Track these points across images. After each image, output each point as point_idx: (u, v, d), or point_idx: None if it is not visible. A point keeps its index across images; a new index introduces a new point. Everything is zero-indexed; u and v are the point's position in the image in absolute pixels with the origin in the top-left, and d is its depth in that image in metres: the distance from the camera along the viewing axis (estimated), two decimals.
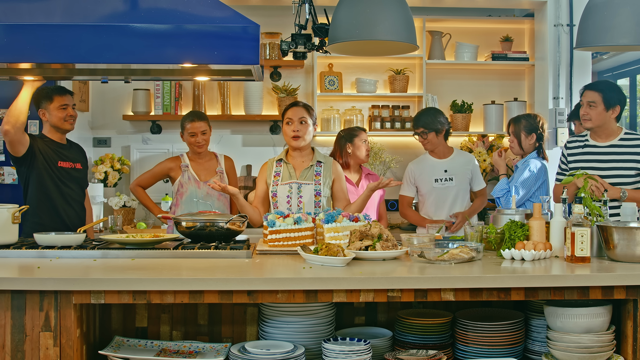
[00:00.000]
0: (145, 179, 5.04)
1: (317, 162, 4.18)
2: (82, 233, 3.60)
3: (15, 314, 2.80)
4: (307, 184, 4.10)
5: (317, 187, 4.10)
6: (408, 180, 5.08)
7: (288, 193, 4.10)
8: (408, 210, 5.12)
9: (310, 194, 4.09)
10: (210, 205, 4.65)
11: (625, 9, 3.72)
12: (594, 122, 4.10)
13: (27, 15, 3.40)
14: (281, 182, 4.12)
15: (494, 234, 3.54)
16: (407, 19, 3.58)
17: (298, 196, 4.09)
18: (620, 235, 3.17)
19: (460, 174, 4.98)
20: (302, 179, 4.12)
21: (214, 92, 6.32)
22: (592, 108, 4.08)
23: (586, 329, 2.98)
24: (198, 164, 4.96)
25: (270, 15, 6.12)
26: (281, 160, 4.20)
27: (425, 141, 4.96)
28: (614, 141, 4.12)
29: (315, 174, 4.14)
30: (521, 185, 4.79)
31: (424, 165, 5.04)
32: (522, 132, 4.93)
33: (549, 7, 6.11)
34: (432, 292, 2.88)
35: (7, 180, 5.38)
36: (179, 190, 4.90)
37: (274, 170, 4.18)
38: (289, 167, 4.17)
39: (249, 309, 3.35)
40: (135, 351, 3.11)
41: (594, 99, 4.07)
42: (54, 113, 4.31)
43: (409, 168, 5.12)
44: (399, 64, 6.37)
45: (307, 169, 4.15)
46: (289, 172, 4.16)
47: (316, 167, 4.16)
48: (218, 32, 3.35)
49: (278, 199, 4.11)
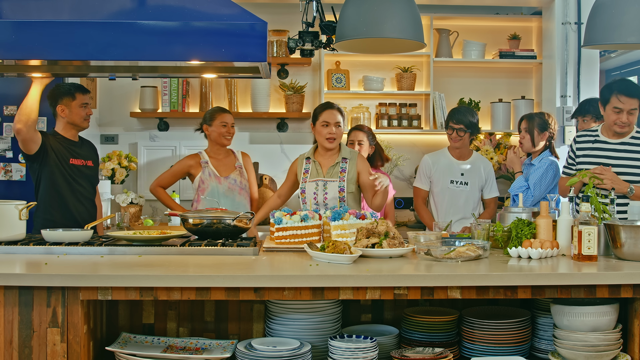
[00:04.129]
0: (165, 178, 5.03)
1: (343, 158, 4.38)
2: (90, 229, 3.61)
3: (22, 310, 2.82)
4: (332, 181, 4.31)
5: (341, 183, 4.30)
6: (424, 172, 4.99)
7: (315, 190, 4.34)
8: (422, 208, 5.02)
9: (334, 190, 4.30)
10: (217, 202, 4.66)
11: (634, 6, 3.70)
12: (631, 128, 4.02)
13: (35, 12, 3.41)
14: (309, 179, 4.38)
15: (501, 232, 3.53)
16: (415, 17, 3.58)
17: (324, 193, 4.31)
18: (627, 233, 3.16)
19: (475, 180, 4.92)
20: (328, 177, 4.36)
21: (221, 89, 6.33)
22: (632, 115, 3.95)
23: (593, 327, 2.97)
24: (217, 160, 4.98)
25: (278, 12, 6.12)
26: (309, 158, 4.43)
27: (458, 139, 4.88)
28: (626, 139, 4.07)
29: (341, 170, 4.35)
30: (540, 182, 4.75)
31: (442, 163, 4.96)
32: (535, 129, 4.91)
33: (556, 5, 6.09)
34: (438, 290, 2.88)
35: (15, 177, 5.41)
36: (200, 187, 4.92)
37: (304, 168, 4.42)
38: (316, 164, 4.42)
39: (255, 305, 3.35)
40: (142, 347, 3.12)
41: (635, 106, 3.94)
42: (76, 111, 4.33)
43: (425, 160, 5.02)
44: (406, 61, 6.36)
45: (332, 166, 4.37)
46: (316, 170, 4.40)
47: (342, 163, 4.37)
48: (225, 29, 3.35)
49: (306, 196, 4.36)
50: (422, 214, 5.03)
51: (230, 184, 4.85)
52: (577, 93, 6.07)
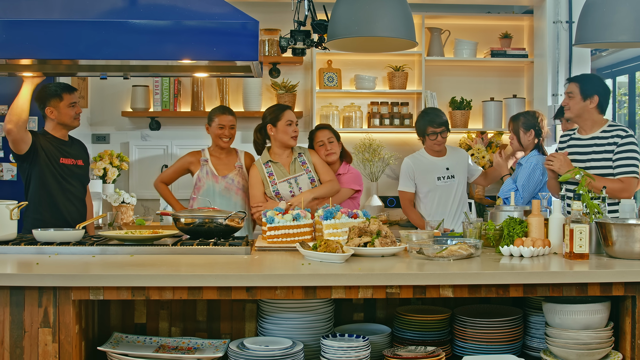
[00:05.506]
0: (167, 175, 5.00)
1: (299, 153, 4.61)
2: (81, 229, 3.60)
3: (14, 310, 2.80)
4: (300, 175, 4.52)
5: (309, 174, 4.53)
6: (407, 176, 5.01)
7: (290, 188, 4.49)
8: (411, 210, 5.04)
9: (306, 182, 4.50)
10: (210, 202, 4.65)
11: (624, 5, 3.71)
12: (572, 111, 4.17)
13: (26, 11, 3.40)
14: (278, 180, 4.51)
15: (493, 230, 3.54)
16: (406, 16, 3.58)
17: (298, 188, 4.49)
18: (618, 231, 3.18)
19: (460, 171, 4.99)
20: (294, 173, 4.54)
21: (213, 88, 6.32)
22: (570, 98, 4.15)
23: (584, 325, 2.98)
24: (218, 158, 4.91)
25: (269, 11, 6.11)
26: (269, 162, 4.55)
27: (442, 140, 4.93)
28: (596, 133, 4.13)
29: (302, 163, 4.58)
30: (528, 183, 4.78)
31: (424, 164, 4.99)
32: (520, 129, 4.94)
33: (548, 4, 6.11)
34: (430, 289, 2.88)
35: (6, 177, 5.39)
36: (197, 184, 4.89)
37: (266, 172, 4.53)
38: (278, 165, 4.56)
39: (247, 305, 3.35)
40: (134, 347, 3.11)
41: (571, 89, 4.15)
42: (65, 111, 4.32)
43: (406, 163, 5.04)
44: (398, 60, 6.37)
45: (292, 162, 4.57)
46: (280, 170, 4.55)
47: (299, 157, 4.59)
48: (217, 28, 3.35)
49: (282, 196, 4.46)
50: (412, 215, 5.03)
51: (228, 184, 4.81)
52: None
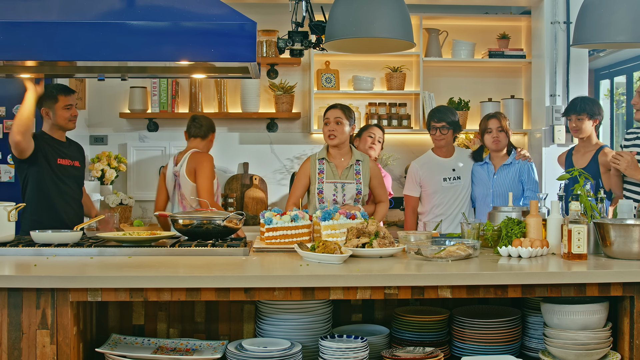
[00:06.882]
0: None
1: (356, 160, 4.54)
2: (79, 231, 3.60)
3: (12, 312, 2.80)
4: (349, 183, 4.47)
5: (358, 186, 4.47)
6: (413, 180, 4.95)
7: (334, 191, 4.46)
8: (411, 217, 4.99)
9: (352, 192, 4.46)
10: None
11: (622, 6, 3.71)
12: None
13: (24, 12, 3.40)
14: (326, 180, 4.48)
15: (491, 231, 3.54)
16: (404, 17, 3.58)
17: (342, 194, 4.46)
18: (617, 232, 3.18)
19: (466, 172, 4.93)
20: (344, 178, 4.49)
21: (211, 89, 6.32)
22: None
23: (583, 326, 2.98)
24: None
25: (267, 12, 6.12)
26: (324, 159, 4.53)
27: (442, 137, 4.87)
28: None
29: (356, 172, 4.52)
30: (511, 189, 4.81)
31: (431, 165, 4.93)
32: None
33: (545, 5, 6.11)
34: (429, 289, 2.88)
35: (4, 178, 5.38)
36: None
37: (317, 168, 4.50)
38: (331, 165, 4.51)
39: (246, 306, 3.35)
40: (132, 349, 3.11)
41: None
42: (60, 113, 4.32)
43: (413, 167, 4.98)
44: (396, 61, 6.37)
45: (347, 168, 4.51)
46: (332, 171, 4.51)
47: (355, 165, 4.53)
48: (215, 29, 3.35)
49: (324, 196, 4.46)
50: (409, 222, 4.99)
51: None
52: (566, 92, 6.09)
